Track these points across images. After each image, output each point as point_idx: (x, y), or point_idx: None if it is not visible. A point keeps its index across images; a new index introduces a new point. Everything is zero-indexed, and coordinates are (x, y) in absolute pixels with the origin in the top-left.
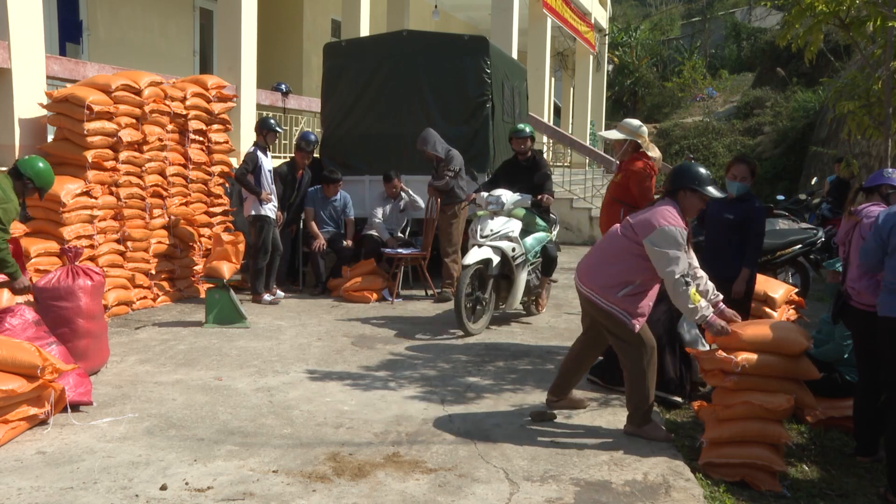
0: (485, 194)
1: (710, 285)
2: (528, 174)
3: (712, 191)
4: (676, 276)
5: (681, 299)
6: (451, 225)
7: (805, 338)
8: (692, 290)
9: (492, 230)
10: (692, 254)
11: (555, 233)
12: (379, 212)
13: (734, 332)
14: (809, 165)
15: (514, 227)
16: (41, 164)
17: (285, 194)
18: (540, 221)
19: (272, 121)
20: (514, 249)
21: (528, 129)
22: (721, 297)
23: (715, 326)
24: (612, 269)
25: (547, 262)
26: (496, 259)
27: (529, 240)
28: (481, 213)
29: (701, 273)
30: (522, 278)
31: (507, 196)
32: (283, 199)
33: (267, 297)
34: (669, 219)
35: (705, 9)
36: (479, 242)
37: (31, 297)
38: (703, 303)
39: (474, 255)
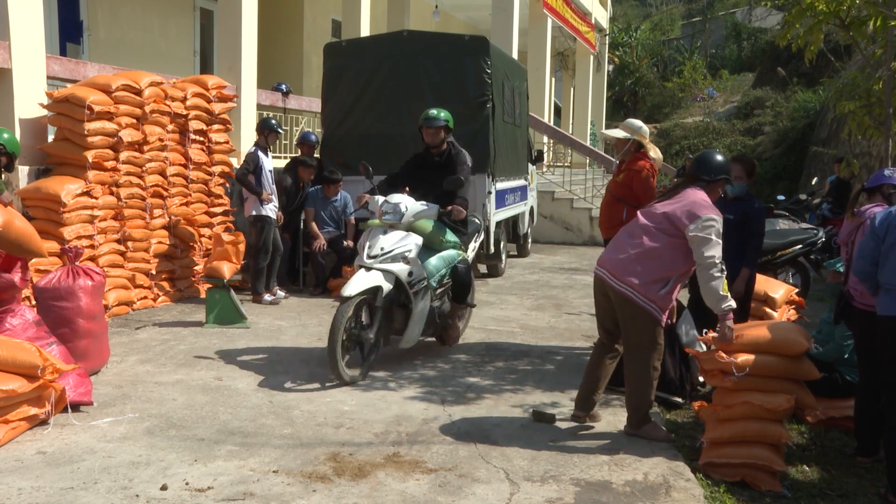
0: (380, 199)
1: None
2: (440, 174)
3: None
4: (717, 262)
5: (714, 285)
6: None
7: (805, 338)
8: (724, 278)
9: (382, 248)
10: None
11: (476, 245)
12: None
13: (736, 334)
14: (810, 165)
15: (412, 244)
16: (6, 135)
17: (287, 204)
18: (450, 237)
19: (273, 121)
20: (410, 274)
21: (442, 116)
22: None
23: (727, 326)
24: (653, 265)
25: (459, 287)
26: (387, 286)
27: (433, 260)
28: (373, 224)
29: None
30: (423, 308)
31: (407, 204)
32: (284, 209)
33: (267, 297)
34: (710, 208)
35: (706, 9)
36: (367, 264)
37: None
38: (728, 294)
39: (358, 283)
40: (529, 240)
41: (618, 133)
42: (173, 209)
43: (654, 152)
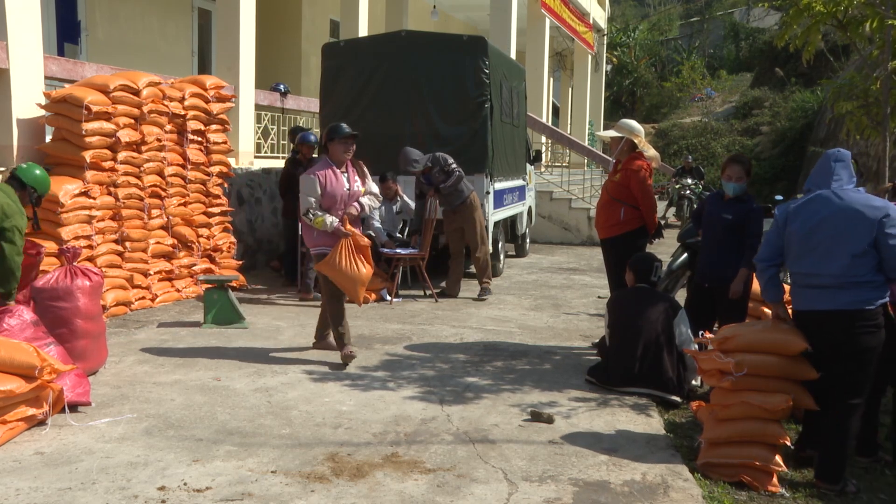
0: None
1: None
2: None
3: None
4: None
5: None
6: (474, 220)
7: (803, 338)
8: (318, 218)
9: None
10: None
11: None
12: (377, 214)
13: (733, 334)
14: (808, 165)
15: None
16: (38, 171)
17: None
18: None
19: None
20: None
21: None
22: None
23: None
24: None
25: None
26: None
27: None
28: None
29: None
30: None
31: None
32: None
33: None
34: (317, 170)
35: (704, 9)
36: None
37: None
38: (328, 218)
39: None
40: (528, 240)
41: (612, 133)
42: (171, 209)
43: (650, 150)
